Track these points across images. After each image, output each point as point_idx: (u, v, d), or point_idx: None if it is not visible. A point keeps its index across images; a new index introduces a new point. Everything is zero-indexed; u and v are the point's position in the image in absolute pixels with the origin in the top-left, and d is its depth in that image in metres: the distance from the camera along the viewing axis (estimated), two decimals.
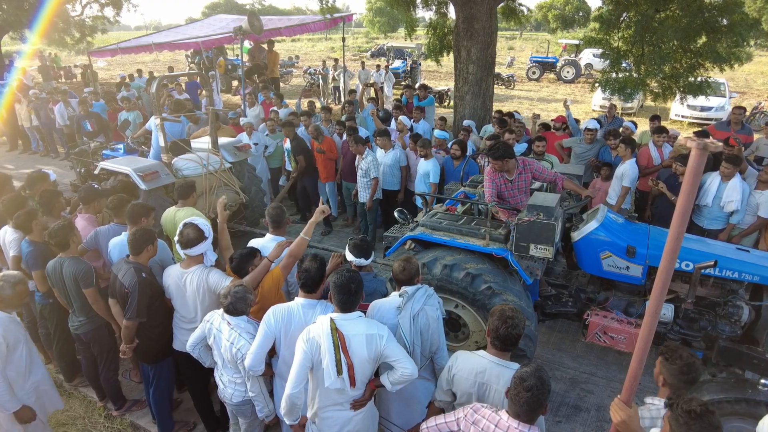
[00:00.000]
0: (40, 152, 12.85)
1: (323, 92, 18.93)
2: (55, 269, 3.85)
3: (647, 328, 1.81)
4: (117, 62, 32.04)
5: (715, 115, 14.67)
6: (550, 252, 3.84)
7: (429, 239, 4.24)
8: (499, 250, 3.99)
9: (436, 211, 4.80)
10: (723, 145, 6.55)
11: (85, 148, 8.12)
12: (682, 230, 1.61)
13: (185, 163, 6.35)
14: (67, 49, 23.49)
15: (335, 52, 34.96)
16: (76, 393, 4.65)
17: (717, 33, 7.80)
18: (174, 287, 3.61)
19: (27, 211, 4.21)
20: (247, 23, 10.30)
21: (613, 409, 2.02)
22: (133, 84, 15.07)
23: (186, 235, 3.45)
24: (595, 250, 4.33)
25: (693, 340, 4.14)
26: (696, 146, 1.50)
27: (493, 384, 2.59)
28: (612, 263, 4.30)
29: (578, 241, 4.40)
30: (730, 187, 5.45)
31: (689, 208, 1.59)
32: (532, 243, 3.86)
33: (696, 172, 1.54)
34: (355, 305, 2.81)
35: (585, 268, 4.51)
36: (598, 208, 4.64)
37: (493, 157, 4.43)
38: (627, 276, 4.31)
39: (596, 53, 19.35)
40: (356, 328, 2.74)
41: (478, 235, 4.13)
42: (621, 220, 4.57)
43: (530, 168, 4.65)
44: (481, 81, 9.26)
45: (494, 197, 4.56)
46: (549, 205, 3.86)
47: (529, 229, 3.83)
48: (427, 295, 3.14)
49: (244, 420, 3.47)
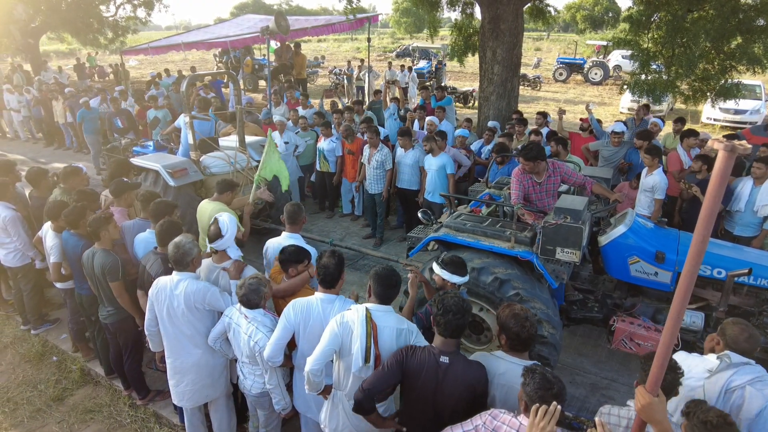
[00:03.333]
0: (73, 148, 13.27)
1: (347, 92, 19.05)
2: (88, 260, 4.00)
3: (669, 332, 1.78)
4: (148, 61, 32.89)
5: (750, 119, 14.20)
6: (577, 256, 3.75)
7: (453, 240, 4.18)
8: (525, 253, 3.91)
9: (461, 212, 4.75)
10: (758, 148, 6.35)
11: (116, 145, 8.37)
12: (707, 233, 1.58)
13: (213, 160, 6.46)
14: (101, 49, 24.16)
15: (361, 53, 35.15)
16: (103, 382, 4.81)
17: (752, 34, 7.56)
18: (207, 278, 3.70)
19: (77, 207, 4.31)
20: (274, 23, 10.43)
21: (638, 395, 2.00)
22: (162, 83, 15.44)
23: (211, 231, 3.61)
24: (622, 254, 4.24)
25: None
26: (723, 148, 1.47)
27: (515, 385, 2.56)
28: (640, 269, 4.21)
29: (606, 245, 4.31)
30: (764, 190, 5.27)
31: (715, 210, 1.55)
32: (559, 246, 3.77)
33: (723, 175, 1.50)
34: (392, 299, 2.89)
35: (612, 273, 4.42)
36: (627, 212, 4.55)
37: (526, 157, 4.35)
38: (655, 282, 4.21)
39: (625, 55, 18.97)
40: (388, 320, 2.81)
41: (503, 238, 4.05)
42: (650, 225, 4.46)
43: (560, 171, 4.56)
44: (507, 82, 9.18)
45: (521, 199, 4.49)
46: (577, 208, 3.77)
47: (556, 232, 3.75)
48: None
49: (263, 412, 3.54)
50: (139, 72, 29.37)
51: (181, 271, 3.39)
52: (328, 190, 8.46)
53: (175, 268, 3.40)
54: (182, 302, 3.32)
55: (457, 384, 2.56)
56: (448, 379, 2.57)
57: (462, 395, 2.55)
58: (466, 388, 2.55)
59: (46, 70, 19.73)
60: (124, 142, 8.51)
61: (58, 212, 4.43)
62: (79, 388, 4.78)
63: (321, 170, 8.19)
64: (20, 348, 5.34)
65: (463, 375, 2.55)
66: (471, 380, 2.57)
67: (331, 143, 7.85)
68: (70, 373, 4.92)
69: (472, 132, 8.38)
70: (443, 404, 2.61)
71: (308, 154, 8.41)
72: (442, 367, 2.57)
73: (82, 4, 20.39)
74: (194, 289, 3.34)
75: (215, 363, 3.59)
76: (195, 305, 3.35)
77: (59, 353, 5.23)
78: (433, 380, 2.58)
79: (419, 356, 2.63)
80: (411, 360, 2.62)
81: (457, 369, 2.57)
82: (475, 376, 2.59)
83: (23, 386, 4.77)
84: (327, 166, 8.05)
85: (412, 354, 2.64)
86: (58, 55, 40.11)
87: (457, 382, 2.57)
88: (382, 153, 6.99)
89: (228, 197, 4.76)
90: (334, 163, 7.98)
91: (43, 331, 5.55)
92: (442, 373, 2.57)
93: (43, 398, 4.61)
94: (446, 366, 2.57)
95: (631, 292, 4.57)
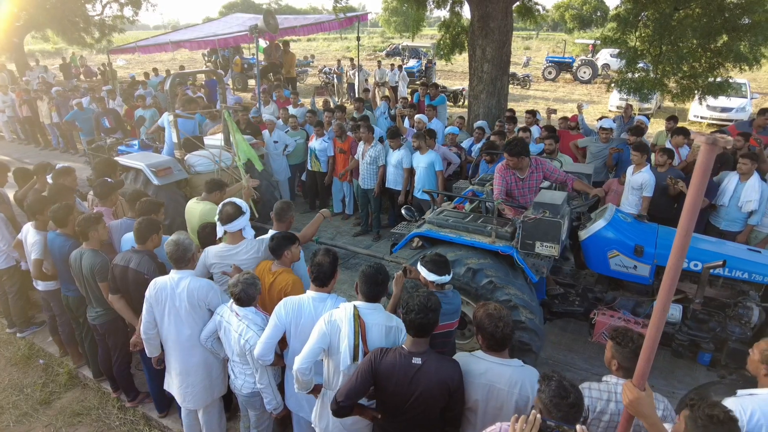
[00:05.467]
0: (60, 149, 13.10)
1: (338, 91, 19.00)
2: (76, 260, 3.94)
3: (655, 326, 1.79)
4: (136, 61, 32.51)
5: (736, 116, 14.37)
6: (556, 250, 3.82)
7: (436, 236, 4.24)
8: (505, 248, 3.98)
9: (444, 208, 4.82)
10: (735, 140, 6.42)
11: (101, 144, 8.28)
12: (690, 226, 1.60)
13: (198, 159, 6.44)
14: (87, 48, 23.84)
15: (350, 52, 35.06)
16: (91, 384, 4.74)
17: (738, 32, 7.64)
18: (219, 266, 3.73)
19: (64, 205, 4.25)
20: (263, 22, 10.38)
21: (625, 389, 2.02)
22: (149, 82, 15.29)
23: (225, 212, 3.63)
24: (602, 248, 4.32)
25: (702, 341, 4.07)
26: (705, 141, 1.49)
27: (497, 384, 2.58)
28: (619, 262, 4.28)
29: (586, 239, 4.39)
30: (748, 186, 5.34)
31: (698, 203, 1.57)
32: (538, 241, 3.84)
33: (705, 168, 1.51)
34: (380, 296, 2.87)
35: (592, 267, 4.50)
36: (607, 207, 4.62)
37: (510, 153, 4.41)
38: (634, 275, 4.29)
39: (613, 53, 19.13)
40: (377, 318, 2.79)
41: (484, 233, 4.13)
42: (629, 219, 4.53)
43: (542, 167, 4.62)
44: (496, 80, 9.19)
45: (503, 194, 4.55)
46: (555, 202, 3.85)
47: (536, 226, 3.82)
48: None
49: (254, 412, 3.52)
50: (127, 72, 29.06)
51: (182, 268, 3.36)
52: (319, 189, 8.44)
53: (175, 266, 3.36)
54: (185, 299, 3.29)
55: (431, 384, 2.54)
56: (422, 379, 2.54)
57: (436, 394, 2.53)
58: (440, 387, 2.53)
59: (32, 69, 19.46)
60: (109, 141, 8.43)
61: (41, 208, 4.37)
62: (67, 391, 4.71)
63: (312, 170, 8.16)
64: (6, 351, 5.26)
65: (436, 374, 2.53)
66: (445, 378, 2.55)
67: (322, 143, 7.82)
68: (57, 376, 4.85)
69: (463, 130, 8.40)
70: (418, 404, 2.58)
71: (298, 153, 8.37)
72: (414, 368, 2.55)
73: (68, 2, 20.10)
74: (197, 285, 3.32)
75: (215, 363, 3.57)
76: (198, 303, 3.33)
77: (46, 356, 5.15)
78: (406, 382, 2.55)
79: (390, 358, 2.59)
80: (382, 363, 2.59)
81: (430, 369, 2.55)
82: (448, 374, 2.56)
83: (9, 390, 4.69)
84: (318, 165, 8.02)
85: (383, 356, 2.61)
86: (44, 55, 39.53)
87: (431, 383, 2.54)
88: (376, 149, 7.04)
89: (217, 197, 4.72)
90: (326, 163, 7.96)
91: (30, 334, 5.47)
92: (414, 374, 2.55)
93: (29, 402, 4.54)
94: (418, 367, 2.54)
95: (611, 286, 4.64)
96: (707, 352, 4.02)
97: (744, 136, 6.47)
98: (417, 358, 2.56)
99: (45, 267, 4.42)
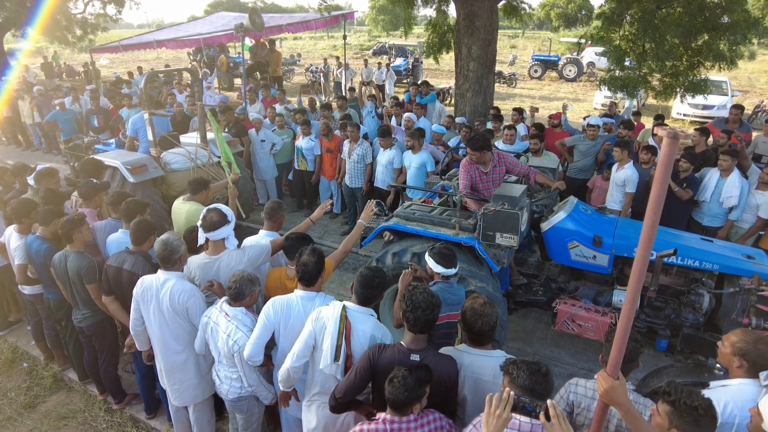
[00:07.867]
0: (42, 149, 12.89)
1: (324, 90, 18.94)
2: (60, 262, 3.88)
3: (626, 316, 1.85)
4: (120, 60, 32.07)
5: (717, 114, 14.63)
6: (515, 240, 3.97)
7: (403, 229, 4.40)
8: (468, 239, 4.13)
9: (412, 202, 4.98)
10: (693, 133, 6.70)
11: (78, 143, 8.20)
12: (656, 218, 1.64)
13: (174, 156, 6.46)
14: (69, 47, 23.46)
15: (337, 50, 34.96)
16: (77, 387, 4.69)
17: (718, 31, 7.79)
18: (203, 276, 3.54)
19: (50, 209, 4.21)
20: (249, 20, 10.30)
21: (599, 379, 2.06)
22: (134, 81, 15.10)
23: (209, 219, 3.41)
24: (563, 240, 4.48)
25: (659, 328, 4.26)
26: (666, 135, 1.54)
27: (481, 376, 2.64)
28: (579, 253, 4.44)
29: (547, 231, 4.56)
30: (729, 182, 5.46)
31: (662, 196, 1.62)
32: (498, 232, 3.99)
33: (668, 161, 1.56)
34: (373, 300, 2.87)
35: (554, 257, 4.67)
36: (569, 199, 4.77)
37: (473, 147, 4.53)
38: (594, 265, 4.45)
39: (598, 51, 19.33)
40: (365, 324, 2.78)
41: (448, 225, 4.28)
42: (590, 212, 4.70)
43: (504, 161, 4.76)
44: (482, 78, 9.25)
45: (468, 188, 4.69)
46: (514, 195, 4.03)
47: (495, 218, 3.97)
48: None
49: (241, 415, 3.49)
50: (110, 71, 28.66)
51: (169, 269, 3.32)
52: (307, 188, 8.42)
53: (162, 266, 3.32)
54: (167, 302, 3.25)
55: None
56: None
57: (434, 390, 2.54)
58: (438, 383, 2.54)
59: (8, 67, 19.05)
60: (86, 140, 8.33)
61: (26, 211, 4.30)
62: (52, 394, 4.66)
63: (299, 168, 8.14)
64: None
65: (434, 371, 2.54)
66: (443, 375, 2.57)
67: (309, 141, 7.80)
68: (42, 380, 4.79)
69: (451, 128, 8.43)
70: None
71: (285, 152, 8.36)
72: (412, 365, 2.55)
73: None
74: (180, 289, 3.26)
75: (202, 363, 3.54)
76: (179, 307, 3.28)
77: (30, 359, 5.08)
78: None
79: (388, 354, 2.61)
80: (380, 359, 2.60)
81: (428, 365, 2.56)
82: (446, 371, 2.59)
83: None
84: (305, 164, 8.00)
85: (382, 352, 2.63)
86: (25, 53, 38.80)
87: None
88: (363, 147, 7.04)
89: (203, 196, 4.69)
90: (313, 162, 7.95)
91: (6, 333, 5.41)
92: None
93: (14, 406, 4.48)
94: (417, 363, 2.55)
95: (574, 277, 4.82)
96: (664, 338, 4.21)
97: (726, 133, 6.61)
98: (415, 355, 2.58)
99: (30, 271, 4.36)
